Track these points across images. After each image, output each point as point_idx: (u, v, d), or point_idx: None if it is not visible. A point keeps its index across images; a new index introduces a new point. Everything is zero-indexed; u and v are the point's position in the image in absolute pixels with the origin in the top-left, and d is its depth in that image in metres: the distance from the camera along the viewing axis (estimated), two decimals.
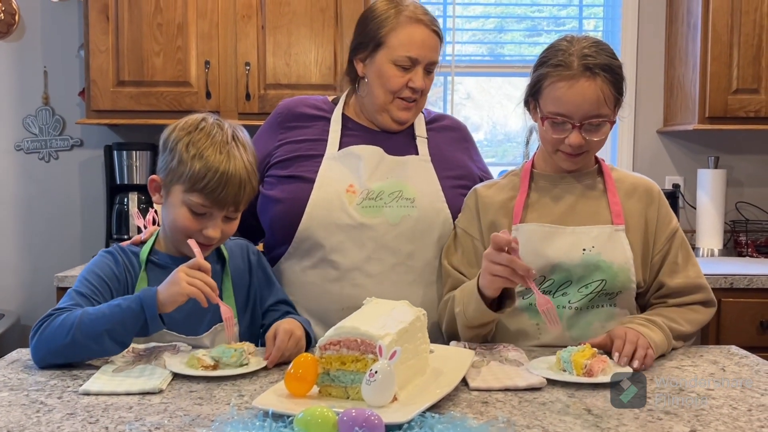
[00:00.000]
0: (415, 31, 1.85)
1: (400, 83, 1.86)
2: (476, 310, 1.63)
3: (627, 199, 1.77)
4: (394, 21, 1.85)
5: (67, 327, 1.48)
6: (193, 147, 1.61)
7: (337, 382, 1.32)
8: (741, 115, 3.15)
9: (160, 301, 1.49)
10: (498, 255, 1.53)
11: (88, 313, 1.49)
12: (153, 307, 1.49)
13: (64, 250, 3.44)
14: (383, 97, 1.88)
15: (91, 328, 1.48)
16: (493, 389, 1.40)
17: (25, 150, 3.43)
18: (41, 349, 1.51)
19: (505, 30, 3.70)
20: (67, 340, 1.48)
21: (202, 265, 1.53)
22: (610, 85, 1.66)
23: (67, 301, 1.58)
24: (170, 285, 1.50)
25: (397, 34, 1.85)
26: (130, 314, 1.49)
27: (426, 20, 1.87)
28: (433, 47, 1.87)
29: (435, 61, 1.88)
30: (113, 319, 1.48)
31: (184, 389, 1.40)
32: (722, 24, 3.12)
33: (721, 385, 1.44)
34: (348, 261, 1.83)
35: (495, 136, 3.80)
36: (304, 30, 3.06)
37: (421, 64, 1.85)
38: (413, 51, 1.84)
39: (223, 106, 3.06)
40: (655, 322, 1.63)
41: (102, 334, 1.48)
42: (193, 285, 1.49)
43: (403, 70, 1.85)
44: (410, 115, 1.92)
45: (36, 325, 1.52)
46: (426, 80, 1.88)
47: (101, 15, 3.01)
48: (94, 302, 1.58)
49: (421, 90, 1.87)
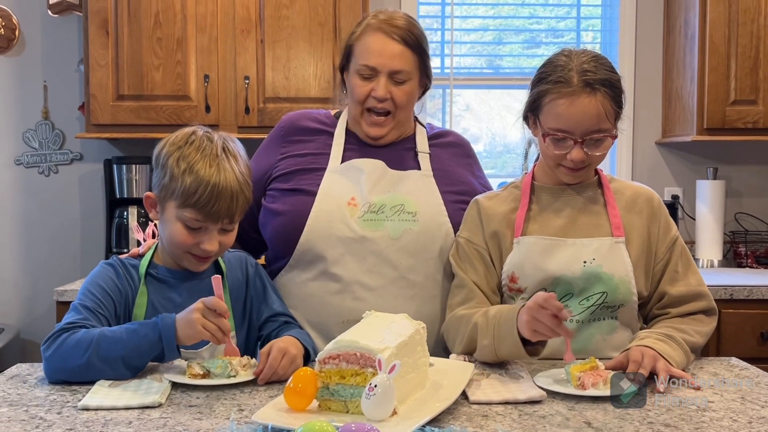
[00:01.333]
0: (373, 40, 1.84)
1: (363, 93, 1.86)
2: (512, 354, 1.59)
3: (627, 210, 1.77)
4: (358, 31, 1.88)
5: (83, 348, 1.50)
6: (183, 162, 1.62)
7: (337, 396, 1.32)
8: (739, 126, 3.16)
9: (177, 335, 1.52)
10: (545, 316, 1.48)
11: (105, 337, 1.51)
12: (171, 338, 1.51)
13: (63, 264, 3.44)
14: (354, 108, 1.90)
15: (108, 352, 1.50)
16: (493, 402, 1.40)
17: (24, 164, 3.43)
18: (55, 367, 1.53)
19: (503, 42, 3.71)
20: (83, 362, 1.50)
21: (218, 306, 1.53)
22: (610, 100, 1.66)
23: (75, 315, 1.58)
24: (186, 326, 1.52)
25: (359, 44, 1.87)
26: (147, 343, 1.52)
27: (388, 29, 1.84)
28: (393, 55, 1.84)
29: (399, 69, 1.84)
30: (130, 345, 1.51)
31: (184, 403, 1.40)
32: (719, 35, 3.14)
33: (721, 397, 1.44)
34: (349, 274, 1.83)
35: (494, 147, 3.81)
36: (303, 44, 3.07)
37: (382, 72, 1.84)
38: (371, 59, 1.84)
39: (222, 120, 3.07)
40: (673, 338, 1.61)
41: (118, 360, 1.50)
42: (206, 329, 1.52)
43: (365, 79, 1.85)
44: (383, 131, 1.89)
45: (47, 340, 1.53)
46: (395, 90, 1.85)
47: (101, 30, 3.02)
48: (99, 315, 1.60)
49: (388, 100, 1.85)
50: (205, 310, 1.52)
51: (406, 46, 1.85)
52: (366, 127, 1.90)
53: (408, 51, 1.86)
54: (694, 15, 3.21)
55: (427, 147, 1.97)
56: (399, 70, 1.85)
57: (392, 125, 1.90)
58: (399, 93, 1.86)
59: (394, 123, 1.90)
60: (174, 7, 3.04)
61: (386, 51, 1.84)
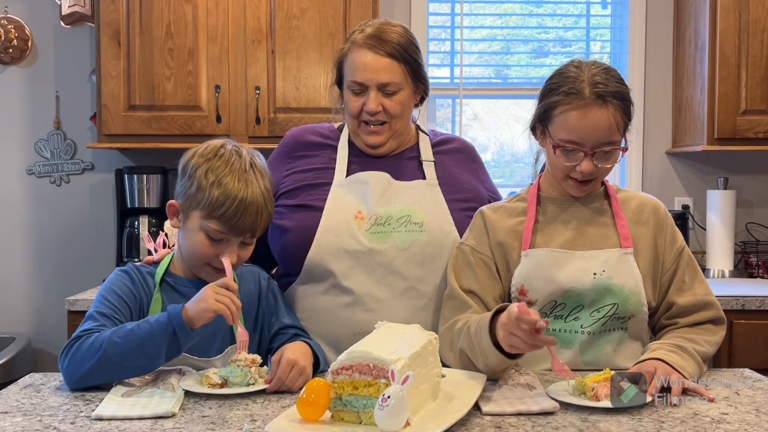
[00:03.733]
0: (358, 56, 1.86)
1: (356, 108, 1.88)
2: (498, 364, 1.57)
3: (635, 221, 1.77)
4: (346, 47, 1.91)
5: (96, 347, 1.51)
6: (212, 174, 1.64)
7: (350, 407, 1.32)
8: (750, 136, 3.16)
9: (188, 316, 1.52)
10: (518, 330, 1.45)
11: (117, 332, 1.52)
12: (179, 317, 1.51)
13: (75, 274, 3.45)
14: (350, 122, 1.93)
15: (122, 345, 1.50)
16: (506, 414, 1.40)
17: (36, 174, 3.45)
18: (74, 373, 1.54)
19: (511, 52, 3.72)
20: (98, 360, 1.50)
21: (230, 285, 1.56)
22: (621, 112, 1.66)
23: (92, 323, 1.59)
24: (198, 301, 1.53)
25: (347, 61, 1.89)
26: (158, 327, 1.51)
27: (371, 43, 1.85)
28: (378, 69, 1.85)
29: (387, 82, 1.85)
30: (142, 333, 1.51)
31: (197, 414, 1.40)
32: (730, 45, 3.13)
33: (735, 409, 1.43)
34: (358, 286, 1.83)
35: (502, 156, 3.81)
36: (313, 54, 3.08)
37: (370, 87, 1.86)
38: (357, 75, 1.86)
39: (233, 130, 3.08)
40: (684, 349, 1.61)
41: (132, 350, 1.50)
42: (220, 302, 1.52)
43: (356, 94, 1.88)
44: (380, 138, 1.91)
45: (65, 347, 1.55)
46: (387, 102, 1.86)
47: (113, 40, 3.05)
48: (116, 321, 1.61)
49: (381, 112, 1.86)
50: (217, 287, 1.54)
51: (391, 58, 1.85)
52: (364, 136, 1.91)
53: (395, 63, 1.86)
54: (704, 25, 3.21)
55: (431, 155, 1.98)
56: (387, 83, 1.86)
57: (390, 134, 1.91)
58: (391, 104, 1.87)
59: (391, 132, 1.91)
60: (185, 18, 3.06)
61: (371, 66, 1.85)
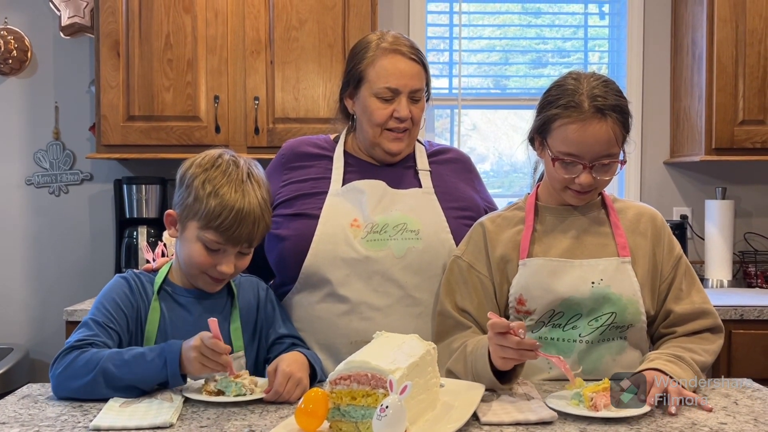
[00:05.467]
0: (392, 62, 1.86)
1: (384, 115, 1.87)
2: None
3: (632, 230, 1.77)
4: (371, 54, 1.89)
5: (91, 367, 1.52)
6: (209, 184, 1.64)
7: (348, 417, 1.31)
8: (747, 146, 3.16)
9: (183, 365, 1.53)
10: (504, 339, 1.48)
11: (112, 360, 1.53)
12: (176, 368, 1.53)
13: (73, 284, 3.45)
14: (371, 131, 1.90)
15: (114, 378, 1.52)
16: (505, 424, 1.40)
17: (35, 184, 3.46)
18: (63, 387, 1.55)
19: (510, 63, 3.73)
20: (91, 380, 1.52)
21: (217, 347, 1.51)
22: (620, 125, 1.67)
23: (86, 332, 1.60)
24: (187, 363, 1.53)
25: (374, 67, 1.87)
26: (153, 369, 1.53)
27: (403, 49, 1.88)
28: (413, 75, 1.87)
29: (418, 88, 1.88)
30: (136, 371, 1.52)
31: (195, 424, 1.40)
32: (727, 56, 3.15)
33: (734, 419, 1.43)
34: (355, 295, 1.83)
35: (501, 167, 3.82)
36: (312, 65, 3.09)
37: (402, 93, 1.87)
38: (392, 81, 1.86)
39: (232, 140, 3.08)
40: (682, 358, 1.61)
41: (123, 386, 1.52)
42: (206, 367, 1.52)
43: (386, 101, 1.87)
44: (402, 145, 1.92)
45: (58, 356, 1.56)
46: (414, 108, 1.89)
47: (112, 51, 3.05)
48: (110, 330, 1.62)
49: (409, 119, 1.88)
50: (203, 347, 1.50)
51: (420, 64, 1.90)
52: (387, 143, 1.90)
53: (421, 69, 1.90)
54: (701, 35, 3.22)
55: (427, 164, 1.98)
56: (418, 89, 1.88)
57: (409, 140, 1.93)
58: (417, 110, 1.90)
59: (410, 138, 1.94)
60: (184, 28, 3.07)
61: (406, 72, 1.86)
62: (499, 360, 1.52)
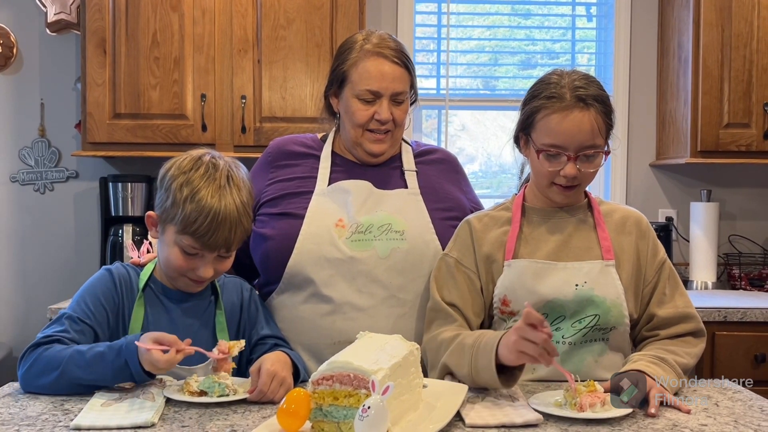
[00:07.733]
0: (374, 65, 1.86)
1: (365, 116, 1.87)
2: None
3: (617, 233, 1.78)
4: (355, 56, 1.88)
5: (55, 365, 1.54)
6: (187, 188, 1.62)
7: (330, 417, 1.31)
8: (732, 149, 3.18)
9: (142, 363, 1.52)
10: (534, 333, 1.46)
11: (73, 360, 1.53)
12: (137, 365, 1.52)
13: (57, 282, 3.43)
14: (353, 131, 1.91)
15: (75, 378, 1.53)
16: (490, 426, 1.39)
17: (20, 181, 3.43)
18: (29, 384, 1.58)
19: (499, 64, 3.74)
20: (55, 378, 1.54)
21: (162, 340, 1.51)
22: (603, 116, 1.68)
23: (56, 327, 1.61)
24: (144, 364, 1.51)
25: (357, 69, 1.87)
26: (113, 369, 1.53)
27: (386, 52, 1.87)
28: (395, 78, 1.87)
29: (400, 91, 1.88)
30: (96, 371, 1.53)
31: (176, 424, 1.39)
32: (713, 59, 3.16)
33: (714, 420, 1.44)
34: (339, 295, 1.83)
35: (490, 167, 3.82)
36: (299, 64, 3.09)
37: (384, 96, 1.86)
38: (373, 84, 1.86)
39: (218, 139, 3.08)
40: (665, 360, 1.62)
41: (84, 384, 1.54)
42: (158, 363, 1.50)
43: (367, 103, 1.87)
44: (384, 146, 1.92)
45: (25, 352, 1.58)
46: (396, 111, 1.88)
47: (98, 49, 3.04)
48: (85, 325, 1.62)
49: (391, 121, 1.88)
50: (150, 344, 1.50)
51: (403, 67, 1.89)
52: (369, 144, 1.90)
53: (405, 72, 1.89)
54: (687, 39, 3.24)
55: (413, 165, 1.98)
56: (400, 92, 1.88)
57: (391, 141, 1.93)
58: (399, 113, 1.89)
59: (392, 140, 1.93)
60: (171, 26, 3.05)
61: (388, 74, 1.86)
62: (515, 353, 1.50)
